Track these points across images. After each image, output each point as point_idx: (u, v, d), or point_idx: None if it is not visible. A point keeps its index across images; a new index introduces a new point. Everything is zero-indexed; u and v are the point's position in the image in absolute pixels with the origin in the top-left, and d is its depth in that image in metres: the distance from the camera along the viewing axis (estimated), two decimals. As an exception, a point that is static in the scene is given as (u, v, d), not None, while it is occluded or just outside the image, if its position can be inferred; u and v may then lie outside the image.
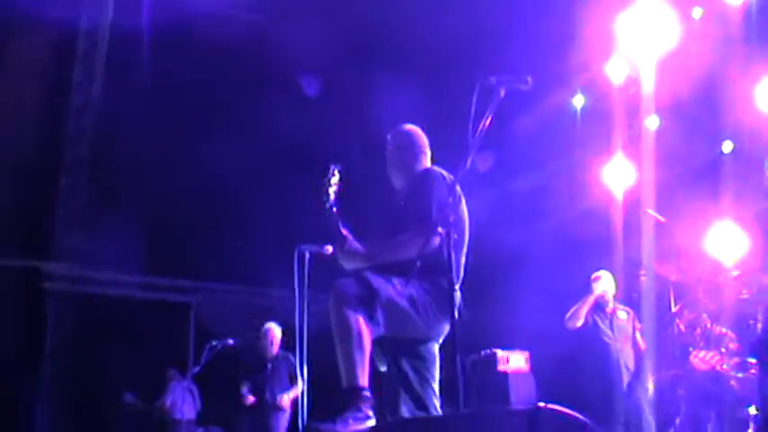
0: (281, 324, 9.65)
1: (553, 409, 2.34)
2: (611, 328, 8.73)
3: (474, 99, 3.66)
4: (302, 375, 5.79)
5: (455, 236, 3.82)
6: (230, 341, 9.52)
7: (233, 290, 13.73)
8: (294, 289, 5.94)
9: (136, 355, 11.95)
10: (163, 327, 12.69)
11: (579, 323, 8.73)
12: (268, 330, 9.63)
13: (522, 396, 8.93)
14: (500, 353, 9.12)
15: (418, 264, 3.82)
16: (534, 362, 9.30)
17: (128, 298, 13.37)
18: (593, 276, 8.98)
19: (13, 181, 11.53)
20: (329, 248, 5.54)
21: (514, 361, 9.16)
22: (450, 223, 3.93)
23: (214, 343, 9.45)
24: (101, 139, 12.42)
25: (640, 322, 8.59)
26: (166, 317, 13.12)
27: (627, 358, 8.58)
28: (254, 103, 11.43)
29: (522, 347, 9.39)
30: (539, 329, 10.10)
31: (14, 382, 12.22)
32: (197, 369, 9.56)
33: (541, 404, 2.35)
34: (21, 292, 12.23)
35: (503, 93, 3.72)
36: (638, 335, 8.65)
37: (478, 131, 3.68)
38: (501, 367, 9.05)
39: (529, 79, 3.75)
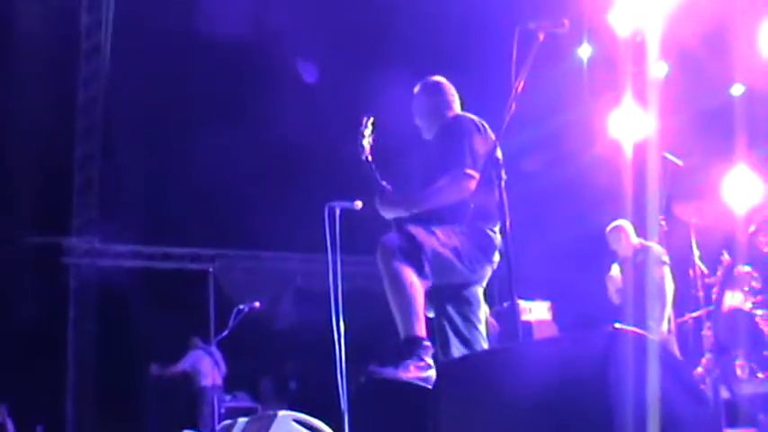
0: (300, 287, 9.73)
1: (626, 330, 2.41)
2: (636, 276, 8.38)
3: (514, 45, 3.68)
4: (338, 336, 5.79)
5: (496, 180, 3.86)
6: (256, 304, 9.56)
7: (250, 255, 13.82)
8: (311, 251, 5.96)
9: (158, 325, 12.05)
10: (183, 296, 12.77)
11: (618, 301, 8.51)
12: None
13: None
14: (522, 303, 9.18)
15: (472, 206, 3.88)
16: (557, 311, 9.38)
17: (147, 269, 13.47)
18: (608, 229, 8.75)
19: (30, 160, 11.59)
20: (359, 203, 5.60)
21: (537, 310, 9.25)
22: (486, 167, 3.99)
23: (241, 306, 9.48)
24: (113, 109, 12.45)
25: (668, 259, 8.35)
26: (186, 286, 13.20)
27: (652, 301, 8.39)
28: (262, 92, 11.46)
29: (542, 298, 9.48)
30: (557, 279, 10.19)
31: (39, 358, 12.35)
32: (225, 333, 9.61)
33: (618, 325, 2.40)
34: (42, 269, 12.33)
35: (542, 37, 3.74)
36: (666, 270, 8.25)
37: (519, 78, 3.69)
38: (524, 317, 9.13)
39: (566, 22, 3.79)
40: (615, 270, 8.55)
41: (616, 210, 9.31)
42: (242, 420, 5.52)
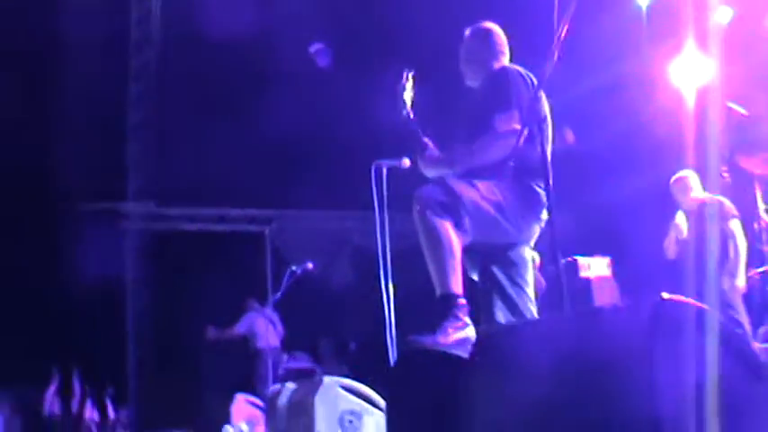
0: (357, 246, 9.61)
1: (676, 300, 2.20)
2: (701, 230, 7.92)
3: (556, 3, 3.44)
4: (387, 297, 5.70)
5: (539, 135, 3.65)
6: (309, 265, 9.47)
7: (306, 215, 13.76)
8: (368, 209, 5.85)
9: (215, 288, 12.10)
10: (239, 258, 12.78)
11: (673, 255, 8.11)
12: None
13: (606, 303, 8.80)
14: (581, 259, 8.96)
15: (511, 163, 3.65)
16: (617, 267, 9.13)
17: (203, 232, 13.50)
18: (672, 180, 8.39)
19: (86, 127, 11.63)
20: (406, 161, 5.44)
21: (596, 267, 9.00)
22: (534, 121, 3.75)
23: (294, 268, 9.42)
24: (167, 76, 12.43)
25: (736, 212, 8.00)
26: (242, 248, 13.21)
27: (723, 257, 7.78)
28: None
29: (603, 253, 9.23)
30: (618, 233, 9.95)
31: (100, 321, 12.50)
32: (278, 296, 9.56)
33: (665, 295, 2.20)
34: (99, 233, 12.42)
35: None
36: (734, 223, 7.91)
37: (557, 37, 3.44)
38: (583, 273, 8.91)
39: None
40: (681, 218, 8.22)
41: (677, 161, 9.02)
42: (290, 386, 5.46)
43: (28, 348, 12.25)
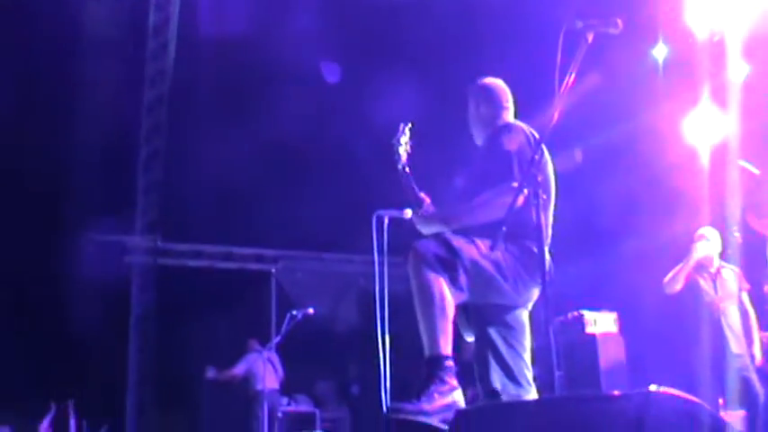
0: (363, 289, 9.51)
1: (664, 393, 2.07)
2: (715, 288, 7.93)
3: (559, 46, 3.34)
4: (383, 345, 5.61)
5: (543, 196, 3.54)
6: (310, 310, 9.47)
7: (314, 257, 13.67)
8: (374, 255, 5.78)
9: (219, 326, 12.01)
10: (244, 296, 12.70)
11: (679, 287, 7.95)
12: None
13: (611, 359, 8.65)
14: (587, 314, 8.81)
15: (504, 228, 3.51)
16: (624, 323, 8.97)
17: (209, 269, 13.41)
18: (696, 234, 8.19)
19: (95, 158, 11.61)
20: (408, 212, 5.35)
21: (603, 322, 8.84)
22: (537, 182, 3.60)
23: (294, 312, 9.43)
24: (176, 109, 12.41)
25: (747, 282, 7.95)
26: (248, 286, 13.14)
27: (732, 320, 7.79)
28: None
29: (610, 308, 9.08)
30: (629, 289, 9.81)
31: (101, 357, 12.39)
32: (278, 339, 9.52)
33: (653, 387, 2.07)
34: (105, 267, 12.35)
35: (590, 38, 3.39)
36: (744, 295, 7.92)
37: (565, 83, 3.36)
38: (589, 329, 8.75)
39: (619, 22, 3.41)
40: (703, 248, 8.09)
41: (690, 218, 8.91)
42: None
43: (26, 379, 12.14)
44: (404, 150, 4.33)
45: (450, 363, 3.77)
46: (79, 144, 11.56)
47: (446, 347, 3.78)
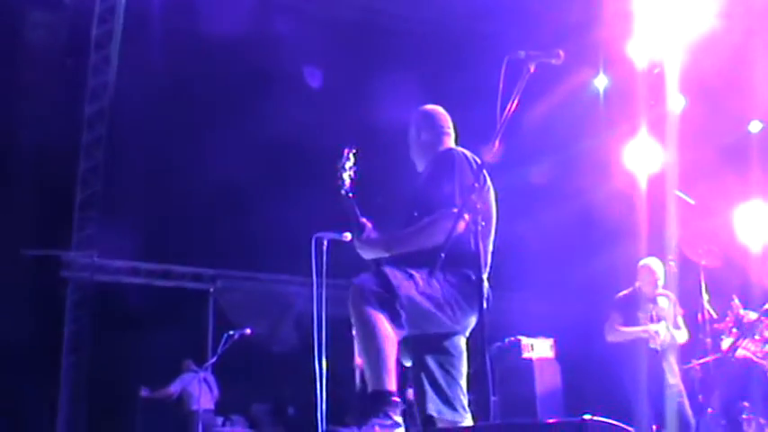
0: (301, 311, 9.47)
1: (599, 422, 2.09)
2: (651, 319, 7.79)
3: (501, 75, 3.38)
4: (320, 367, 5.59)
5: (482, 223, 3.54)
6: (247, 330, 9.42)
7: (252, 277, 13.56)
8: (312, 276, 5.77)
9: (155, 344, 11.83)
10: (182, 315, 12.57)
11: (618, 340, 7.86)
12: None
13: (547, 383, 8.75)
14: (525, 339, 8.89)
15: (443, 255, 3.51)
16: (560, 349, 9.05)
17: (146, 286, 13.23)
18: (639, 265, 8.05)
19: (32, 173, 11.44)
20: (347, 236, 5.33)
21: (539, 348, 8.94)
22: (476, 208, 3.61)
23: (231, 332, 9.37)
24: (117, 125, 12.27)
25: (682, 308, 7.96)
26: (185, 305, 13.00)
27: (669, 348, 7.69)
28: (262, 95, 11.29)
29: (547, 335, 9.15)
30: (565, 316, 9.91)
31: (33, 372, 12.15)
32: (213, 359, 9.46)
33: (587, 416, 2.09)
34: (40, 282, 12.14)
35: (532, 68, 3.44)
36: (680, 320, 7.88)
37: (506, 111, 3.40)
38: (526, 354, 8.84)
39: (561, 53, 3.46)
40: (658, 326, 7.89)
41: (628, 246, 9.02)
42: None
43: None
44: (347, 176, 4.31)
45: (396, 399, 3.74)
46: (16, 157, 11.38)
47: (390, 383, 3.75)
